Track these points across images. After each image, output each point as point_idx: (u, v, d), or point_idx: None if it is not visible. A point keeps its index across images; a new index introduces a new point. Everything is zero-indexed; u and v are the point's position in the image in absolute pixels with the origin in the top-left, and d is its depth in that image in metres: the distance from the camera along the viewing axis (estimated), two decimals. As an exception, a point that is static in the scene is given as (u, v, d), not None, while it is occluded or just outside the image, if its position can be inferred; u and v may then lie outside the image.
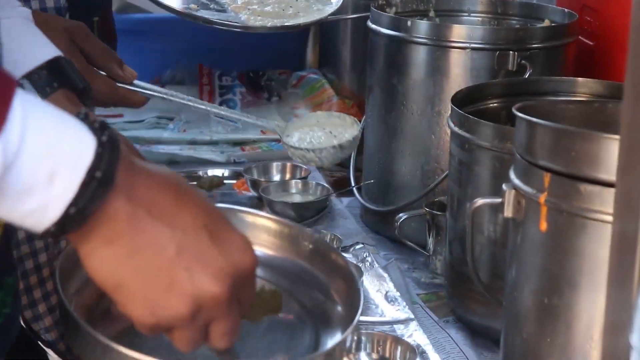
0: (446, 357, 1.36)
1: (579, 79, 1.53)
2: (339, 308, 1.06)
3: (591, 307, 1.05)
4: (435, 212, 1.64)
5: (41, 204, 0.78)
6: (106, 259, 0.82)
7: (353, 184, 1.98)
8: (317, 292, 1.09)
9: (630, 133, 0.89)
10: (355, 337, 1.28)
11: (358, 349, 1.27)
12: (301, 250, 1.12)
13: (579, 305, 1.06)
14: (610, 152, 0.99)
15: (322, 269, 1.11)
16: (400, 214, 1.70)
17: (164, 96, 1.62)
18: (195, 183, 2.06)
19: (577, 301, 1.06)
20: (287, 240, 1.13)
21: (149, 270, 0.82)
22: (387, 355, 1.27)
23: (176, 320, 0.83)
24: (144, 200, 0.82)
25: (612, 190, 0.94)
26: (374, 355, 1.27)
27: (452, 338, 1.44)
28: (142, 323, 0.84)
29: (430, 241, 1.68)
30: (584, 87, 1.52)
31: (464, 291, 1.46)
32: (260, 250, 1.08)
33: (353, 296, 1.03)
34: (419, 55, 1.74)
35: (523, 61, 1.64)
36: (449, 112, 1.49)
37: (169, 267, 0.82)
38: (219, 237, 0.85)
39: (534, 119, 1.09)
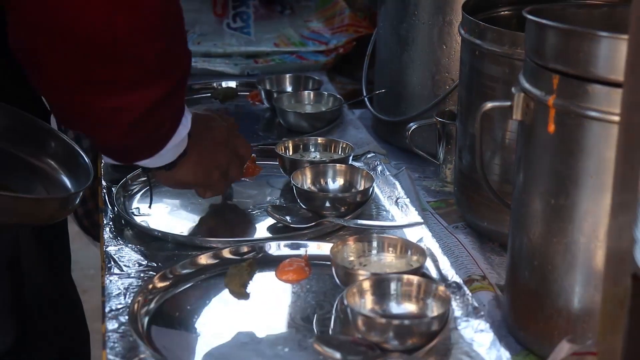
0: (455, 261, 1.37)
1: (590, -15, 1.51)
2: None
3: (597, 208, 1.05)
4: (445, 121, 1.63)
5: (169, 156, 1.33)
6: (173, 178, 1.40)
7: (365, 94, 1.98)
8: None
9: (638, 31, 0.88)
10: (367, 241, 1.28)
11: (369, 252, 1.28)
12: None
13: (585, 205, 1.06)
14: (618, 52, 0.98)
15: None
16: (411, 124, 1.70)
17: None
18: (209, 94, 2.06)
19: (583, 201, 1.06)
20: None
21: (204, 174, 1.43)
22: (398, 257, 1.27)
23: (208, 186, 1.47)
24: (200, 139, 1.38)
25: (619, 91, 0.94)
26: (387, 258, 1.28)
27: (460, 242, 1.45)
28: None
29: (441, 150, 1.68)
30: (595, -6, 1.51)
31: (472, 197, 1.46)
32: None
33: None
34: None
35: (535, -30, 1.62)
36: (460, 20, 1.47)
37: (213, 172, 1.45)
38: (234, 145, 1.49)
39: (544, 21, 1.07)
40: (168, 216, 1.48)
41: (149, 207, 1.50)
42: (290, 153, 1.63)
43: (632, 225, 0.88)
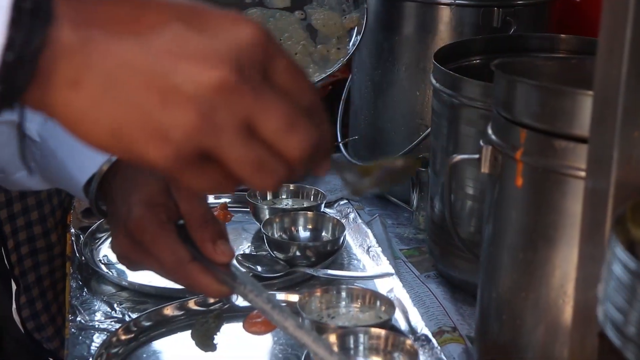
0: (426, 311, 1.36)
1: (562, 35, 1.51)
2: None
3: (565, 263, 1.04)
4: (419, 168, 1.63)
5: None
6: (83, 107, 0.66)
7: (339, 139, 1.97)
8: None
9: (603, 88, 0.89)
10: (335, 292, 1.28)
11: (337, 304, 1.27)
12: None
13: (553, 260, 1.05)
14: (584, 107, 0.98)
15: None
16: (384, 170, 1.69)
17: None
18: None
19: (551, 256, 1.05)
20: None
21: (134, 94, 0.66)
22: (367, 309, 1.27)
23: (193, 136, 0.66)
24: (97, 19, 0.67)
25: (585, 146, 0.93)
26: (355, 310, 1.27)
27: (432, 292, 1.44)
28: (167, 166, 0.68)
29: (414, 197, 1.67)
30: (566, 44, 1.51)
31: (445, 246, 1.45)
32: None
33: None
34: (406, 12, 1.73)
35: (508, 18, 1.63)
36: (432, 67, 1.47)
37: (151, 80, 0.66)
38: (200, 24, 0.68)
39: (511, 76, 1.08)
40: (137, 264, 1.47)
41: None
42: (262, 200, 1.63)
43: (598, 279, 0.87)
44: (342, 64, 1.57)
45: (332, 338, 1.15)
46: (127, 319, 1.27)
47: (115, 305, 1.32)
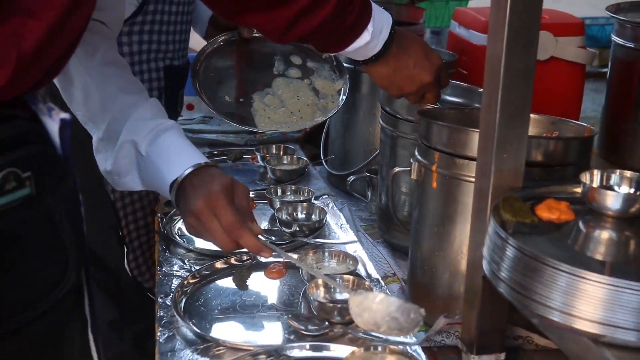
0: (376, 264, 1.38)
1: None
2: None
3: (462, 234, 1.07)
4: (371, 175, 1.65)
5: (374, 45, 1.14)
6: (383, 72, 1.19)
7: (322, 157, 1.99)
8: None
9: (485, 128, 0.92)
10: (321, 252, 1.30)
11: (322, 260, 1.29)
12: None
13: (455, 232, 1.08)
14: (474, 140, 1.01)
15: None
16: (350, 177, 1.71)
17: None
18: (225, 157, 2.06)
19: (454, 230, 1.08)
20: None
21: (404, 75, 1.19)
22: (341, 263, 1.29)
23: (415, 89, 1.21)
24: (401, 46, 1.17)
25: (474, 163, 0.96)
26: (332, 264, 1.29)
27: (380, 253, 1.46)
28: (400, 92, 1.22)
29: (369, 193, 1.69)
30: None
31: (388, 224, 1.47)
32: None
33: None
34: (363, 79, 1.74)
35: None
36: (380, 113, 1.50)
37: (411, 74, 1.20)
38: (427, 57, 1.20)
39: (430, 120, 1.10)
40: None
41: None
42: (275, 195, 1.65)
43: (482, 244, 0.90)
44: (336, 111, 1.63)
45: (320, 281, 1.17)
46: (193, 269, 1.29)
47: (185, 261, 1.33)
